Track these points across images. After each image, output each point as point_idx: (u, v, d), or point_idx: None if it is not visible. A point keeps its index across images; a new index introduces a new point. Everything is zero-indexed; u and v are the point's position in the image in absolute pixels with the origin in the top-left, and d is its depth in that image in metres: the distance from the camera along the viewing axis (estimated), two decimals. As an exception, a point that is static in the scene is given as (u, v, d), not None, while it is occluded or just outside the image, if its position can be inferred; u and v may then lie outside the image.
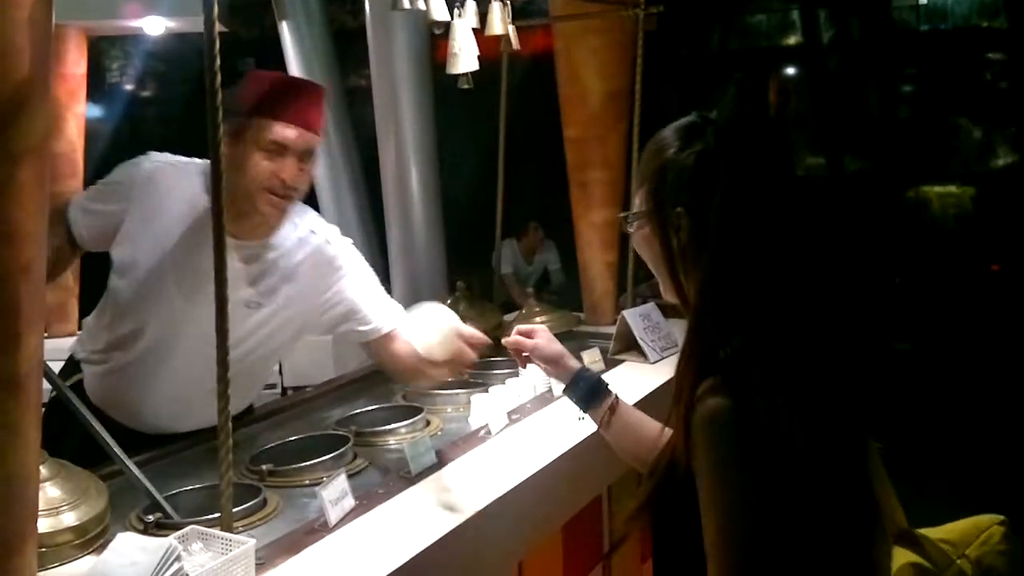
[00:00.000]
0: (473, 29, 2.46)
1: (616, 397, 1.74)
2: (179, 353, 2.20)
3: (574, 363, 1.79)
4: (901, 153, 6.94)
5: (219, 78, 1.58)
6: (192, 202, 2.15)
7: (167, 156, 2.25)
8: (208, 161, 2.11)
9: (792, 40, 7.37)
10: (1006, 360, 5.78)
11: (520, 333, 1.84)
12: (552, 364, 1.79)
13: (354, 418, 2.39)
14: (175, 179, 2.18)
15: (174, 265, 2.16)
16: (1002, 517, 1.61)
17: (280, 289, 2.25)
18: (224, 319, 1.54)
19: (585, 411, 1.75)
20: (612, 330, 3.05)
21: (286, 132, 2.10)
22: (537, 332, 1.83)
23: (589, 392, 1.74)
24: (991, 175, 7.04)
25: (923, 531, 1.57)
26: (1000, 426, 5.27)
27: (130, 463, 1.86)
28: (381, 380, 2.89)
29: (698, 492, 1.22)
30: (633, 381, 2.74)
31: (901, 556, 1.51)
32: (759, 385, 1.20)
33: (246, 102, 2.09)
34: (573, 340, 3.07)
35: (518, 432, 2.27)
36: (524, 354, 1.83)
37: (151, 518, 1.75)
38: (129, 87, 6.78)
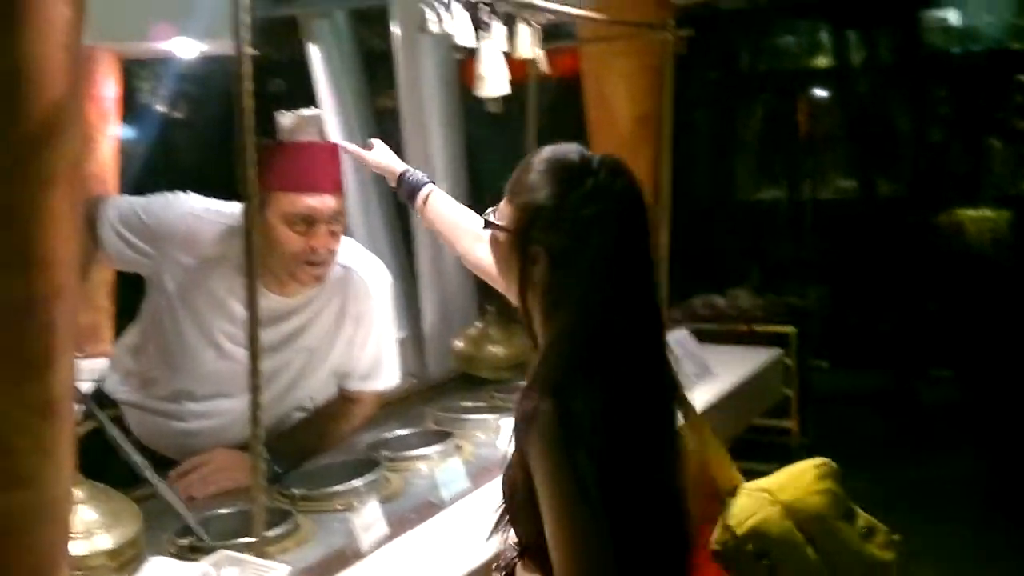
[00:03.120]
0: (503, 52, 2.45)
1: (433, 191, 2.10)
2: (217, 398, 2.23)
3: (400, 167, 2.16)
4: (934, 176, 6.86)
5: (250, 100, 1.59)
6: (229, 259, 2.13)
7: (203, 205, 2.21)
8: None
9: (822, 62, 7.33)
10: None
11: None
12: (383, 170, 2.18)
13: (385, 442, 2.38)
14: (212, 235, 2.16)
15: (216, 317, 2.17)
16: (821, 460, 1.72)
17: (314, 334, 2.27)
18: (256, 359, 1.55)
19: (410, 203, 2.11)
20: (643, 354, 3.02)
21: (309, 202, 2.07)
22: (374, 146, 2.21)
23: (412, 187, 2.12)
24: (1026, 199, 6.95)
25: (750, 483, 1.71)
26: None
27: (163, 485, 1.86)
28: (411, 404, 2.88)
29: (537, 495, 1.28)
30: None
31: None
32: (579, 391, 1.28)
33: (262, 176, 1.98)
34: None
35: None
36: None
37: (184, 542, 1.74)
38: (161, 108, 6.84)
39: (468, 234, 1.99)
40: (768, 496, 1.66)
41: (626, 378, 1.34)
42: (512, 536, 1.43)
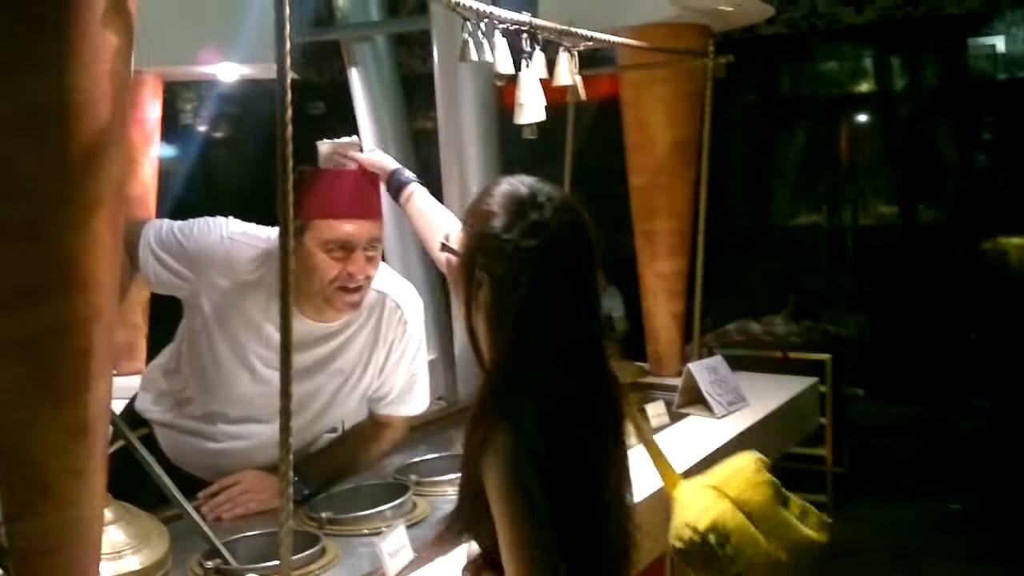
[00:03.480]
0: (540, 79, 2.46)
1: (416, 190, 2.17)
2: (250, 421, 2.24)
3: (392, 166, 2.22)
4: (978, 203, 6.76)
5: (290, 128, 1.59)
6: (266, 284, 2.14)
7: (241, 229, 2.22)
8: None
9: (864, 87, 7.26)
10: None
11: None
12: (376, 167, 2.21)
13: (414, 466, 2.37)
14: (249, 259, 2.17)
15: (252, 341, 2.19)
16: (755, 456, 1.84)
17: (348, 358, 2.28)
18: (288, 383, 1.54)
19: (396, 199, 2.19)
20: (677, 382, 3.00)
21: (347, 228, 2.08)
22: (375, 152, 2.27)
23: (398, 185, 2.18)
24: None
25: (692, 480, 1.82)
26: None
27: (190, 508, 1.87)
28: (440, 428, 2.88)
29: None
30: (699, 436, 2.69)
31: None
32: (528, 415, 1.37)
33: (301, 203, 1.99)
34: (637, 391, 3.02)
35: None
36: None
37: (210, 564, 1.75)
38: (202, 130, 6.94)
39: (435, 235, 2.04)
40: (717, 492, 1.76)
41: (570, 401, 1.43)
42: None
